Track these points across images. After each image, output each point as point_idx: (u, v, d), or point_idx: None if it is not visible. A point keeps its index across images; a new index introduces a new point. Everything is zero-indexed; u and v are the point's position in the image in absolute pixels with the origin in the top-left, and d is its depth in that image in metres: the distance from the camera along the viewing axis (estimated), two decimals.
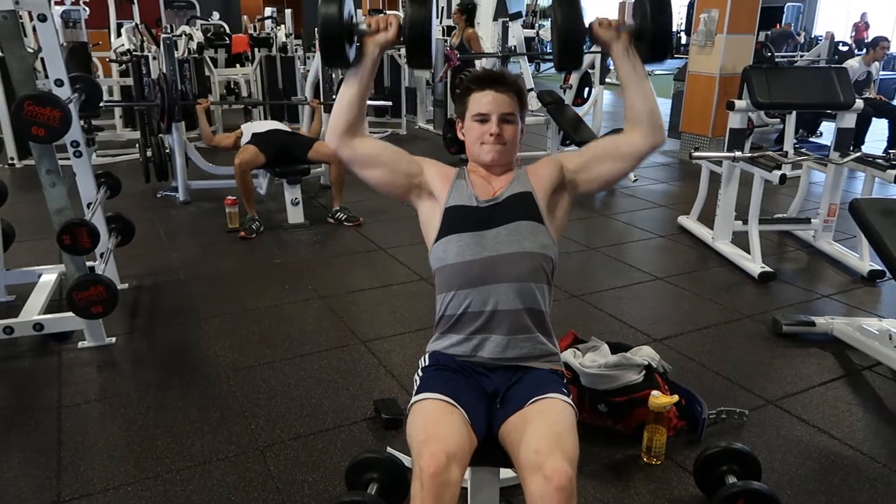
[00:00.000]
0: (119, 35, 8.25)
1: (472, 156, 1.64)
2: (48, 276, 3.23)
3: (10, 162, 6.04)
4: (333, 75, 5.30)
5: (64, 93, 2.73)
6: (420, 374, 1.55)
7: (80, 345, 2.75)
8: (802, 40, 12.54)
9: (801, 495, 1.94)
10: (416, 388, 1.51)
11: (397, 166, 1.62)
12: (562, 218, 1.63)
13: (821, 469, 2.05)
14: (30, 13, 2.63)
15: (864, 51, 7.31)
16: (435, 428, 1.36)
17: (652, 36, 1.50)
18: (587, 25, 1.53)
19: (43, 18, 2.64)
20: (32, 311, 2.83)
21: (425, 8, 1.51)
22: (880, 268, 3.45)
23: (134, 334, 2.91)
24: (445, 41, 7.27)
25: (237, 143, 4.65)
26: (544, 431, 1.34)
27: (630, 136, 1.58)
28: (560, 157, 1.68)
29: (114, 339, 2.81)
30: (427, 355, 1.59)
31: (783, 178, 3.48)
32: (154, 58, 6.44)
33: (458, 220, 1.57)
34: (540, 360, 1.54)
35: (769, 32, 7.29)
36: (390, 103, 6.58)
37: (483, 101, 1.58)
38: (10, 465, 2.05)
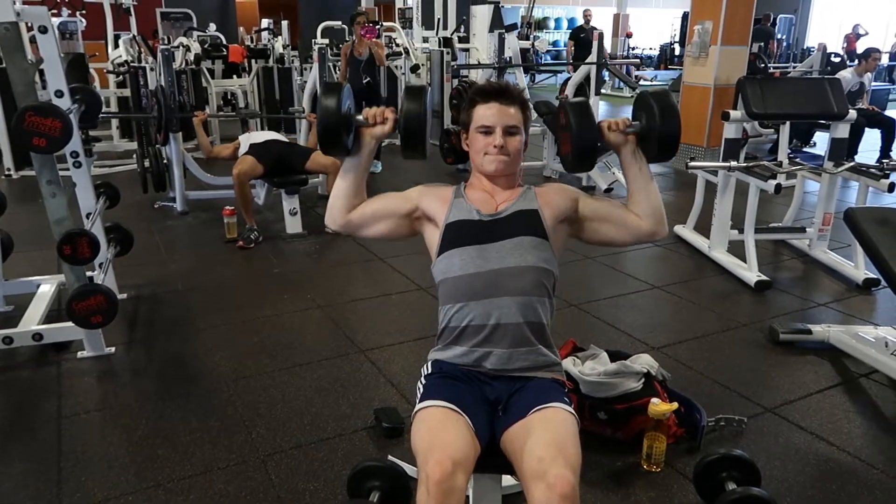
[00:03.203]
0: (116, 46, 8.27)
1: (475, 166, 1.66)
2: (46, 287, 3.23)
3: (6, 173, 6.04)
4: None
5: (64, 103, 2.74)
6: (423, 381, 1.56)
7: (79, 355, 2.75)
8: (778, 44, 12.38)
9: (801, 502, 1.95)
10: (419, 395, 1.52)
11: (394, 213, 1.67)
12: (562, 241, 1.67)
13: (819, 476, 2.06)
14: (28, 25, 2.64)
15: (857, 62, 7.39)
16: (440, 435, 1.36)
17: (658, 137, 1.56)
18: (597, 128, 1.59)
19: (44, 30, 2.66)
20: (31, 321, 2.83)
21: (420, 102, 1.56)
22: (875, 276, 3.48)
23: (133, 344, 2.91)
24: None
25: (235, 154, 4.66)
26: (547, 440, 1.35)
27: (637, 219, 1.65)
28: (577, 192, 1.71)
29: (113, 349, 2.81)
30: (430, 363, 1.60)
31: (778, 187, 3.51)
32: (151, 69, 6.46)
33: (460, 233, 1.59)
34: (542, 370, 1.56)
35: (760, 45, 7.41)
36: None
37: (487, 113, 1.60)
38: (10, 475, 2.04)
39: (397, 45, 8.51)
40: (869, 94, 7.44)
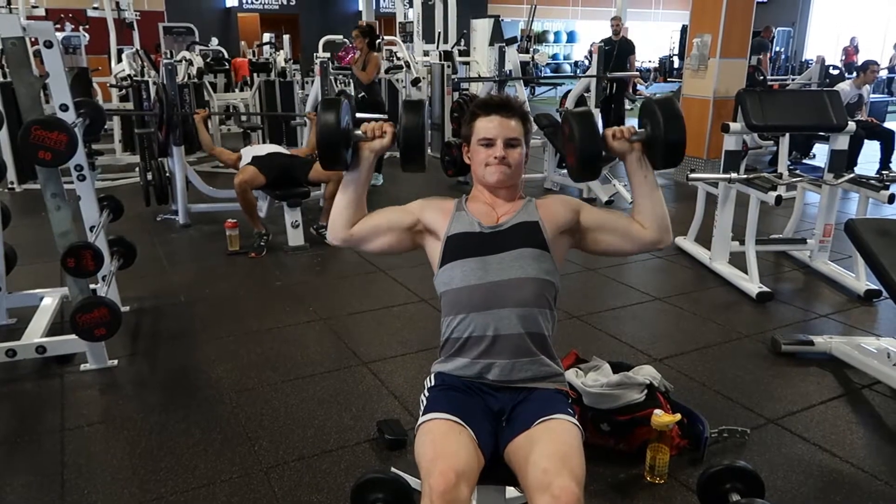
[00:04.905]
0: (120, 61, 8.33)
1: (477, 178, 1.67)
2: (49, 299, 3.23)
3: (9, 186, 6.06)
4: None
5: (69, 117, 2.76)
6: (426, 394, 1.57)
7: (82, 367, 2.75)
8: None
9: None
10: (422, 408, 1.53)
11: (395, 227, 1.67)
12: (563, 252, 1.68)
13: (823, 487, 2.06)
14: (33, 39, 2.66)
15: (855, 74, 7.43)
16: (443, 447, 1.37)
17: (664, 144, 1.57)
18: (601, 137, 1.59)
19: (49, 45, 2.69)
20: (35, 333, 2.83)
21: (419, 115, 1.58)
22: (877, 287, 3.48)
23: (136, 357, 2.92)
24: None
25: (236, 164, 4.70)
26: (551, 451, 1.36)
27: (641, 228, 1.66)
28: (579, 203, 1.71)
29: (116, 362, 2.81)
30: (433, 375, 1.61)
31: (779, 198, 3.52)
32: (154, 83, 6.50)
33: (461, 245, 1.60)
34: (545, 381, 1.57)
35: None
36: (385, 117, 6.58)
37: (489, 126, 1.61)
38: (14, 487, 2.04)
39: (398, 59, 8.57)
40: (868, 107, 7.47)
